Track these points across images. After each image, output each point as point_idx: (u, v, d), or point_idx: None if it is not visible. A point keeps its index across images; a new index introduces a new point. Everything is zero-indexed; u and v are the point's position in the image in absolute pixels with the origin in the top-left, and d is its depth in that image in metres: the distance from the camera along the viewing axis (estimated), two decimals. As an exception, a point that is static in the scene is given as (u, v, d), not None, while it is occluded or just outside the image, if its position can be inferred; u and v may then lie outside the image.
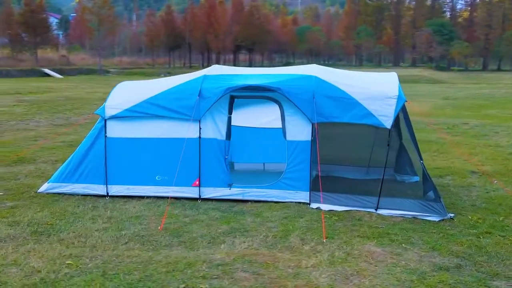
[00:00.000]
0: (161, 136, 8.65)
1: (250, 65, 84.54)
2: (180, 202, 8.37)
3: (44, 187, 8.97)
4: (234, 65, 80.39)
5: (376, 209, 8.05)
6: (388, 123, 8.07)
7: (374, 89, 8.32)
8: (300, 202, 8.34)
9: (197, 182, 8.55)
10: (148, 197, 8.55)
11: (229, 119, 8.64)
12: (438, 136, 16.69)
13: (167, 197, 8.47)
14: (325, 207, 8.18)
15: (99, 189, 8.75)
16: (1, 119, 19.36)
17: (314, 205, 8.23)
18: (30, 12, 57.52)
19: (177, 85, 8.88)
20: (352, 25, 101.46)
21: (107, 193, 8.71)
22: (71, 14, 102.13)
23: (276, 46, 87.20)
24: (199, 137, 8.53)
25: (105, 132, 8.77)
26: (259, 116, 10.57)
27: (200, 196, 8.54)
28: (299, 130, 8.40)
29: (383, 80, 8.77)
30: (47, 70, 52.77)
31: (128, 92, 9.04)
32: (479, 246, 6.66)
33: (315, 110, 8.23)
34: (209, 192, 8.56)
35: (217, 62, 77.74)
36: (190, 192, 8.56)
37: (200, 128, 8.52)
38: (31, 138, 15.05)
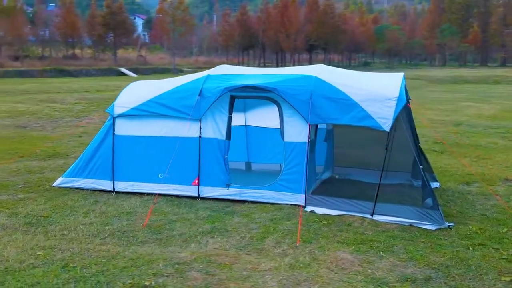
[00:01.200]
0: (164, 135, 8.81)
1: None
2: (177, 200, 8.51)
3: (58, 181, 9.42)
4: (310, 64, 79.74)
5: (371, 215, 7.78)
6: (387, 125, 7.76)
7: (374, 90, 8.03)
8: (296, 205, 8.21)
9: (196, 181, 8.65)
10: (149, 194, 8.75)
11: (229, 119, 8.65)
12: (489, 141, 15.79)
13: (169, 195, 8.66)
14: (319, 210, 8.01)
15: (107, 185, 9.06)
16: (58, 116, 20.54)
17: (308, 208, 8.08)
18: (111, 14, 60.45)
19: (181, 84, 9.02)
20: (436, 23, 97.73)
21: (114, 189, 9.01)
22: (156, 15, 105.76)
23: (353, 45, 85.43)
24: (199, 136, 8.62)
25: (114, 130, 9.08)
26: (277, 117, 10.49)
27: (199, 195, 8.63)
28: (297, 132, 8.27)
29: (386, 81, 8.45)
30: (123, 69, 55.16)
31: (136, 91, 9.29)
32: (462, 258, 6.26)
33: (312, 111, 8.09)
34: (208, 191, 8.62)
35: (291, 62, 77.53)
36: (190, 190, 8.67)
37: (200, 128, 8.62)
38: (77, 134, 15.83)
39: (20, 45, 58.84)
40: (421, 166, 7.85)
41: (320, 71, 8.68)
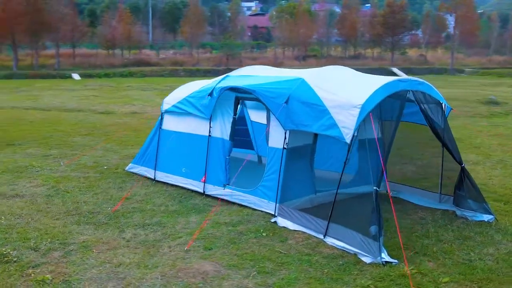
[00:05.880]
0: (190, 132, 9.39)
1: None
2: (183, 194, 9.02)
3: (127, 166, 10.86)
4: None
5: (324, 236, 6.98)
6: (348, 136, 6.86)
7: (345, 96, 7.12)
8: (268, 213, 7.88)
9: (204, 178, 8.99)
10: (170, 185, 9.47)
11: (234, 120, 8.72)
12: None
13: (186, 189, 9.24)
14: (282, 222, 7.56)
15: (152, 173, 10.10)
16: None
17: (273, 219, 7.69)
18: (391, 12, 59.77)
19: (207, 84, 9.43)
20: None
21: (155, 177, 10.00)
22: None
23: None
24: (209, 135, 8.94)
25: (161, 124, 10.07)
26: None
27: (204, 191, 8.96)
28: (279, 137, 7.90)
29: (365, 84, 7.28)
30: (394, 69, 53.94)
31: (181, 90, 10.05)
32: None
33: (289, 116, 7.64)
34: (210, 189, 8.88)
35: None
36: (199, 186, 9.06)
37: (210, 127, 8.94)
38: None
39: (304, 46, 63.74)
40: (375, 188, 6.65)
41: (319, 72, 8.13)
